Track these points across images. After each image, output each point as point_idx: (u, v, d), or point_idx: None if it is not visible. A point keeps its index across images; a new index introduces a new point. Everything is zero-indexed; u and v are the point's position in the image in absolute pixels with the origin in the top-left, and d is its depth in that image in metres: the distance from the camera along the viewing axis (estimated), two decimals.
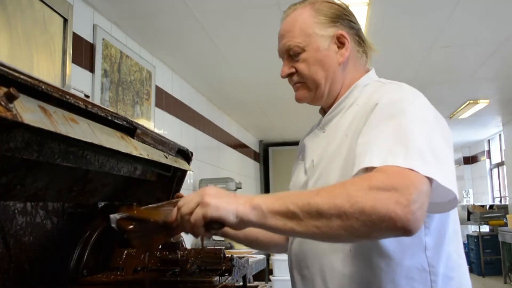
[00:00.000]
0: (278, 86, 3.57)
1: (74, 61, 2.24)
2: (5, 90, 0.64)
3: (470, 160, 9.20)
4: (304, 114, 4.05)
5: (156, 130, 2.36)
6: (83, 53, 2.35)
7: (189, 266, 1.14)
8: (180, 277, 1.13)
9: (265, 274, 4.20)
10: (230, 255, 1.17)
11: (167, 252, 1.25)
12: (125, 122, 1.03)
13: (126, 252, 1.17)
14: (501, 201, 7.89)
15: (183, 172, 1.43)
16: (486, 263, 7.10)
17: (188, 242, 2.80)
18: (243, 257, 1.28)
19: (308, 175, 1.06)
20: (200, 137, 4.23)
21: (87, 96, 2.32)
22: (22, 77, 0.70)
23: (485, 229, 7.33)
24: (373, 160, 0.79)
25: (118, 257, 1.17)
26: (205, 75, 3.81)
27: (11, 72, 0.68)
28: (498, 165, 7.96)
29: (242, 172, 5.95)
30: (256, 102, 4.81)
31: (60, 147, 0.91)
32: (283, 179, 5.99)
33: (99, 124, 0.95)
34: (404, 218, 0.69)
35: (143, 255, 1.15)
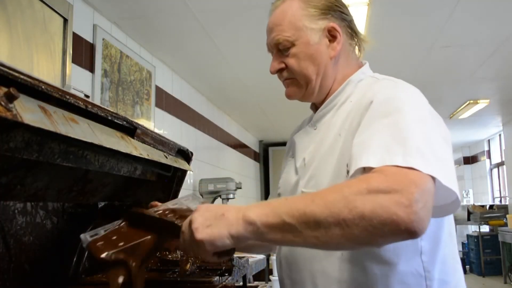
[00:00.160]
0: (278, 86, 3.53)
1: (74, 61, 2.24)
2: (5, 90, 0.64)
3: (470, 160, 9.21)
4: (304, 114, 4.02)
5: (156, 130, 2.36)
6: (83, 53, 2.35)
7: (189, 266, 1.14)
8: (180, 277, 1.14)
9: (265, 274, 4.20)
10: None
11: (167, 252, 1.25)
12: (125, 122, 1.03)
13: None
14: (501, 201, 7.90)
15: (183, 172, 1.43)
16: (486, 263, 7.10)
17: None
18: (243, 257, 1.28)
19: (299, 175, 1.01)
20: (200, 137, 4.23)
21: (87, 96, 2.32)
22: (22, 77, 0.70)
23: (485, 229, 7.33)
24: (370, 160, 0.74)
25: None
26: (205, 75, 3.81)
27: (11, 72, 0.68)
28: (498, 165, 7.96)
29: (242, 172, 5.95)
30: (256, 102, 4.81)
31: (60, 147, 0.91)
32: None
33: (99, 124, 0.95)
34: (407, 219, 0.64)
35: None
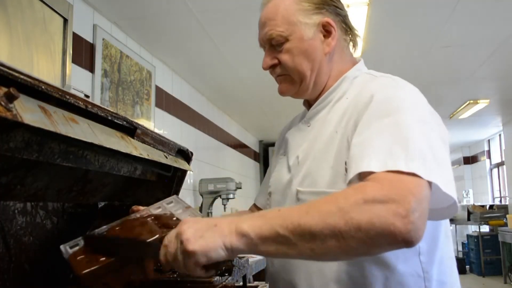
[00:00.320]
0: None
1: (74, 61, 2.24)
2: (5, 90, 0.64)
3: (470, 160, 9.21)
4: None
5: (156, 130, 2.36)
6: (83, 53, 2.35)
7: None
8: (180, 277, 1.14)
9: (265, 274, 4.19)
10: None
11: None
12: (125, 122, 1.03)
13: None
14: (501, 201, 7.90)
15: (183, 172, 1.43)
16: (486, 263, 7.09)
17: None
18: (243, 257, 1.28)
19: (292, 173, 0.98)
20: (200, 137, 4.23)
21: (87, 96, 2.32)
22: (22, 77, 0.70)
23: (485, 229, 7.33)
24: (371, 164, 0.72)
25: None
26: (205, 75, 3.81)
27: (11, 72, 0.68)
28: (498, 165, 7.96)
29: (242, 172, 5.95)
30: (256, 102, 4.81)
31: (60, 147, 0.91)
32: None
33: (99, 124, 0.95)
34: (404, 230, 0.63)
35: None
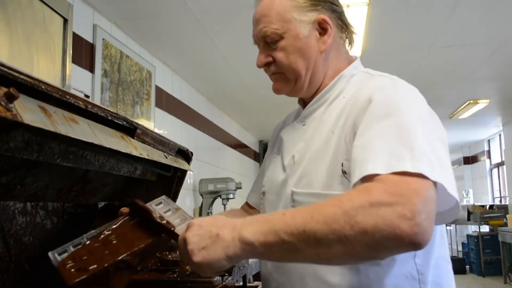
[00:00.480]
0: None
1: (74, 61, 2.24)
2: (5, 90, 0.64)
3: (470, 160, 9.21)
4: None
5: (156, 130, 2.36)
6: (83, 53, 2.35)
7: (189, 266, 1.14)
8: (180, 277, 1.14)
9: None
10: None
11: (167, 252, 1.25)
12: (125, 122, 1.03)
13: None
14: (501, 201, 7.90)
15: (183, 172, 1.43)
16: (486, 263, 7.09)
17: None
18: None
19: (287, 173, 0.96)
20: (200, 137, 4.23)
21: (87, 96, 2.32)
22: (22, 77, 0.70)
23: (485, 229, 7.33)
24: (376, 166, 0.70)
25: None
26: (205, 75, 3.81)
27: (11, 72, 0.68)
28: (498, 165, 7.96)
29: (242, 172, 5.95)
30: (256, 102, 4.81)
31: (60, 147, 0.91)
32: None
33: (99, 124, 0.95)
34: (410, 232, 0.61)
35: None
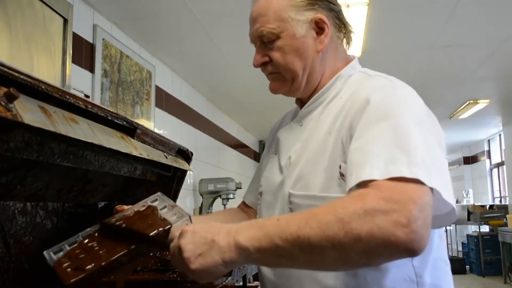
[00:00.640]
0: None
1: (74, 61, 2.24)
2: (5, 90, 0.64)
3: (470, 160, 9.21)
4: None
5: (156, 130, 2.36)
6: (83, 53, 2.35)
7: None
8: (180, 277, 1.14)
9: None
10: None
11: (167, 252, 1.25)
12: (125, 122, 1.03)
13: None
14: (501, 201, 7.90)
15: (183, 172, 1.43)
16: (486, 263, 7.10)
17: None
18: None
19: (284, 174, 0.96)
20: (200, 137, 4.23)
21: (87, 96, 2.32)
22: (22, 77, 0.70)
23: (485, 229, 7.33)
24: (373, 172, 0.69)
25: None
26: (205, 75, 3.81)
27: (11, 72, 0.68)
28: (498, 165, 7.96)
29: (242, 172, 5.95)
30: (256, 102, 4.81)
31: (60, 147, 0.91)
32: None
33: (99, 124, 0.95)
34: (405, 239, 0.60)
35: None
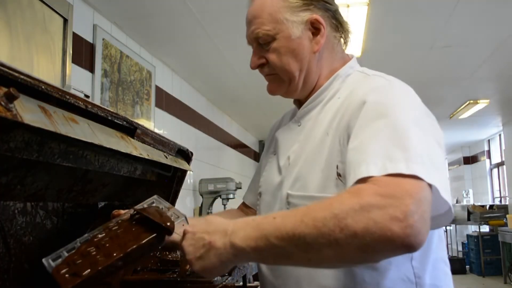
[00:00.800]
0: None
1: (74, 61, 2.24)
2: (5, 90, 0.64)
3: (470, 160, 9.21)
4: None
5: (156, 130, 2.36)
6: (83, 53, 2.35)
7: (188, 266, 1.14)
8: (180, 277, 1.14)
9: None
10: None
11: (167, 252, 1.25)
12: (125, 122, 1.03)
13: None
14: (501, 201, 7.90)
15: (183, 172, 1.43)
16: (486, 263, 7.09)
17: None
18: None
19: (283, 174, 0.95)
20: (200, 137, 4.23)
21: (87, 96, 2.32)
22: (22, 77, 0.70)
23: (485, 229, 7.33)
24: (370, 168, 0.68)
25: None
26: (205, 75, 3.81)
27: (11, 72, 0.68)
28: (498, 165, 7.96)
29: (242, 172, 5.95)
30: (256, 102, 4.81)
31: (60, 147, 0.91)
32: None
33: (99, 124, 0.95)
34: (402, 234, 0.59)
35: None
